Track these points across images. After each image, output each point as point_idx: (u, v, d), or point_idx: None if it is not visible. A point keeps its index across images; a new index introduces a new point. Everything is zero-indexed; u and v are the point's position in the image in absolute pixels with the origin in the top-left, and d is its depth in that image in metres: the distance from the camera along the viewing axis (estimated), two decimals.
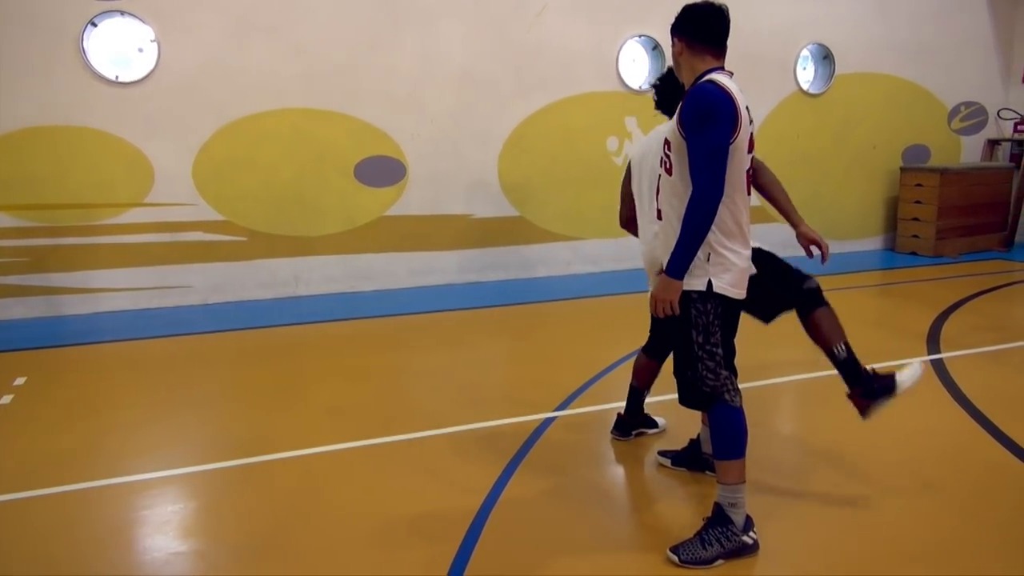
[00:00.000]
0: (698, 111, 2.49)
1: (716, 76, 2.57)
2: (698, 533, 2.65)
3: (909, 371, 2.99)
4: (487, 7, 7.11)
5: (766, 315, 3.20)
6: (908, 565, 2.61)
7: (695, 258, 2.56)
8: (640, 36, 7.72)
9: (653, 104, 3.33)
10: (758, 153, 2.87)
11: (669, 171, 2.65)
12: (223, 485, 3.31)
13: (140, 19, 6.14)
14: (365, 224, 7.03)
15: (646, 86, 7.81)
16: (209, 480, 3.35)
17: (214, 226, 6.59)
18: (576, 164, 7.65)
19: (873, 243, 9.30)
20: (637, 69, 7.87)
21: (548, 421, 3.92)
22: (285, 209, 6.76)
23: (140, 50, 6.21)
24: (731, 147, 2.51)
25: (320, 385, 4.60)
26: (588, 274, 7.77)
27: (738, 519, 2.64)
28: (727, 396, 2.65)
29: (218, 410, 4.24)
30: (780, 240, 3.60)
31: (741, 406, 2.67)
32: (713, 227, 2.54)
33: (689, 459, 3.36)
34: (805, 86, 8.54)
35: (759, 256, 2.94)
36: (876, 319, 6.33)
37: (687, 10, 2.68)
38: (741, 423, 2.65)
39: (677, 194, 2.61)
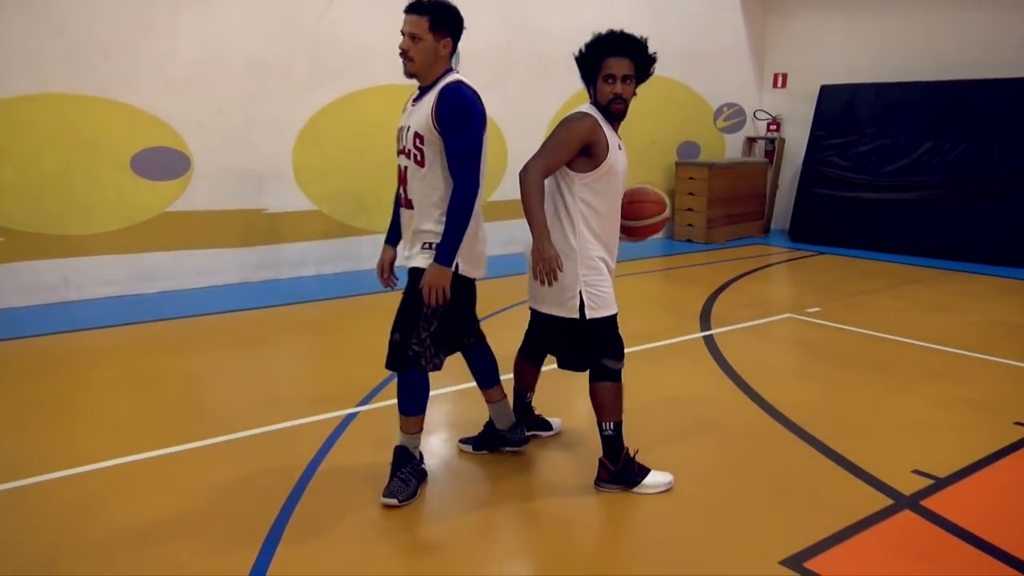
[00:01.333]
0: (456, 111, 2.77)
1: (461, 77, 2.85)
2: (397, 476, 3.01)
3: (662, 477, 3.11)
4: None
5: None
6: (690, 513, 2.90)
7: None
8: None
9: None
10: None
11: (421, 164, 2.85)
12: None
13: None
14: (145, 221, 6.52)
15: None
16: None
17: None
18: (374, 157, 7.59)
19: None
20: None
21: (350, 417, 3.89)
22: (49, 205, 6.10)
23: None
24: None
25: (101, 396, 4.23)
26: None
27: (417, 455, 3.13)
28: (423, 363, 2.96)
29: None
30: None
31: (428, 373, 3.02)
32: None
33: (489, 441, 3.49)
34: None
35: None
36: (658, 300, 6.90)
37: (455, 10, 2.88)
38: (426, 386, 3.07)
39: (431, 185, 2.86)
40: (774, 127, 10.71)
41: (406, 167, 2.93)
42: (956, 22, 9.02)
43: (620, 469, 3.10)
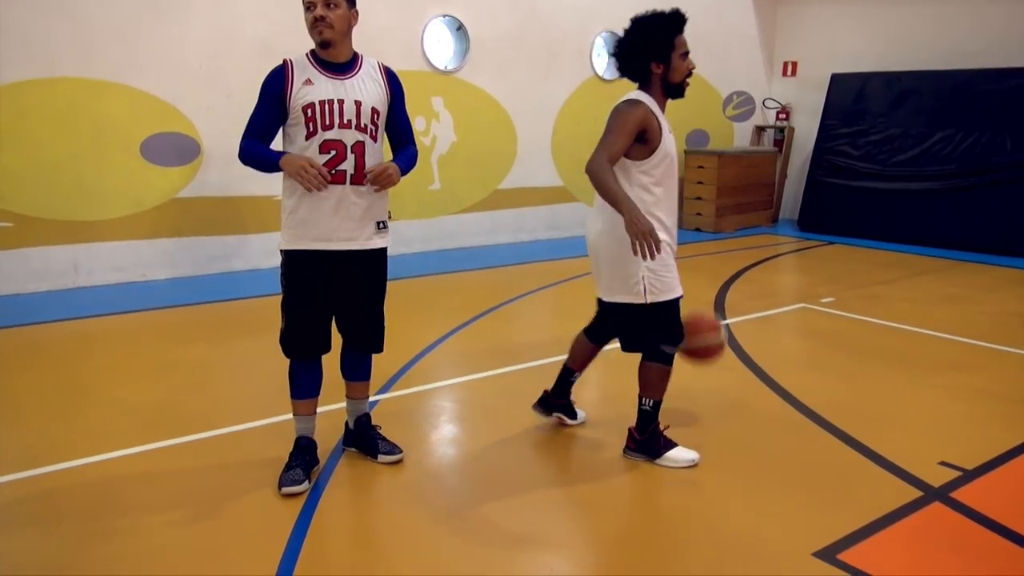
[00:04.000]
0: (401, 87, 3.08)
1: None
2: (289, 466, 3.02)
3: (687, 454, 3.21)
4: None
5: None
6: (720, 503, 2.89)
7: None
8: (444, 16, 7.73)
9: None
10: (565, 135, 3.05)
11: (375, 138, 2.95)
12: (6, 504, 2.94)
13: None
14: (155, 207, 6.48)
15: (452, 66, 7.85)
16: None
17: None
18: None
19: None
20: (442, 49, 7.87)
21: (370, 405, 3.86)
22: (59, 190, 6.05)
23: None
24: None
25: (115, 384, 4.19)
26: (400, 255, 7.71)
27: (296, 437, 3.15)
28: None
29: None
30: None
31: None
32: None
33: (358, 440, 3.31)
34: (600, 72, 9.01)
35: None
36: None
37: None
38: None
39: (376, 160, 2.96)
40: (783, 116, 10.65)
41: (359, 142, 2.89)
42: (967, 11, 8.95)
43: (646, 439, 3.23)
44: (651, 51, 3.00)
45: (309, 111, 2.84)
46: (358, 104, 2.89)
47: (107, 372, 4.41)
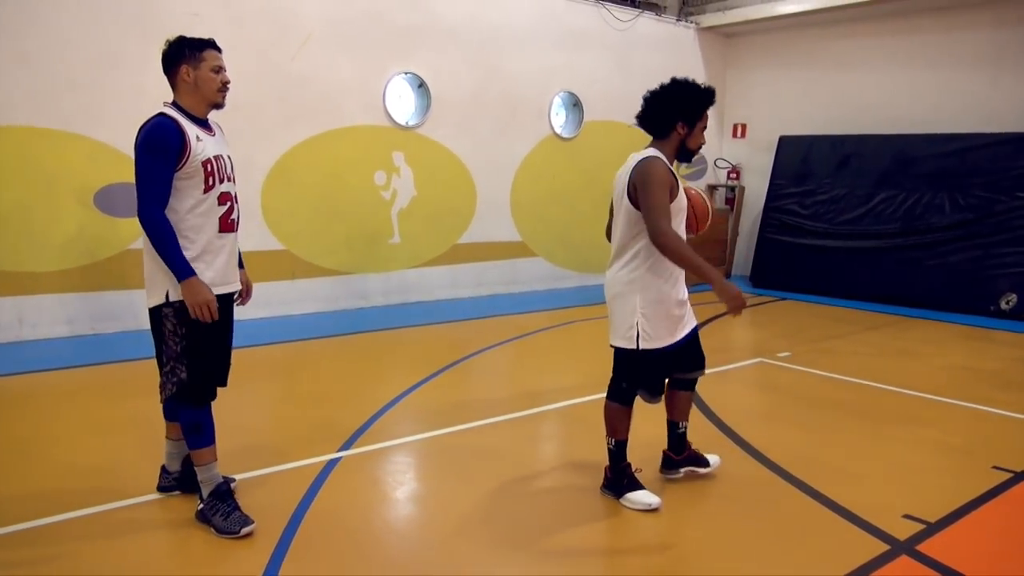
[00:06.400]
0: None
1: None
2: (214, 511, 2.98)
3: (647, 498, 3.33)
4: (248, 30, 6.80)
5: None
6: (690, 560, 2.85)
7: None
8: (406, 73, 7.83)
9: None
10: (524, 192, 3.08)
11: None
12: None
13: None
14: (108, 258, 6.31)
15: (413, 122, 7.93)
16: None
17: None
18: (344, 197, 7.53)
19: None
20: (404, 105, 7.96)
21: (333, 463, 3.76)
22: (5, 240, 5.86)
23: None
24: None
25: (64, 442, 4.00)
26: (358, 308, 7.63)
27: (216, 485, 3.05)
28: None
29: None
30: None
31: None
32: None
33: (190, 481, 3.27)
34: (559, 130, 9.20)
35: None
36: None
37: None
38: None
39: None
40: (734, 175, 10.99)
41: (235, 193, 3.09)
42: (906, 80, 9.44)
43: (613, 477, 3.39)
44: (683, 113, 3.24)
45: (208, 166, 2.92)
46: (230, 158, 3.11)
47: (57, 428, 4.21)
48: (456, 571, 2.80)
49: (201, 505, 3.06)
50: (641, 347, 3.20)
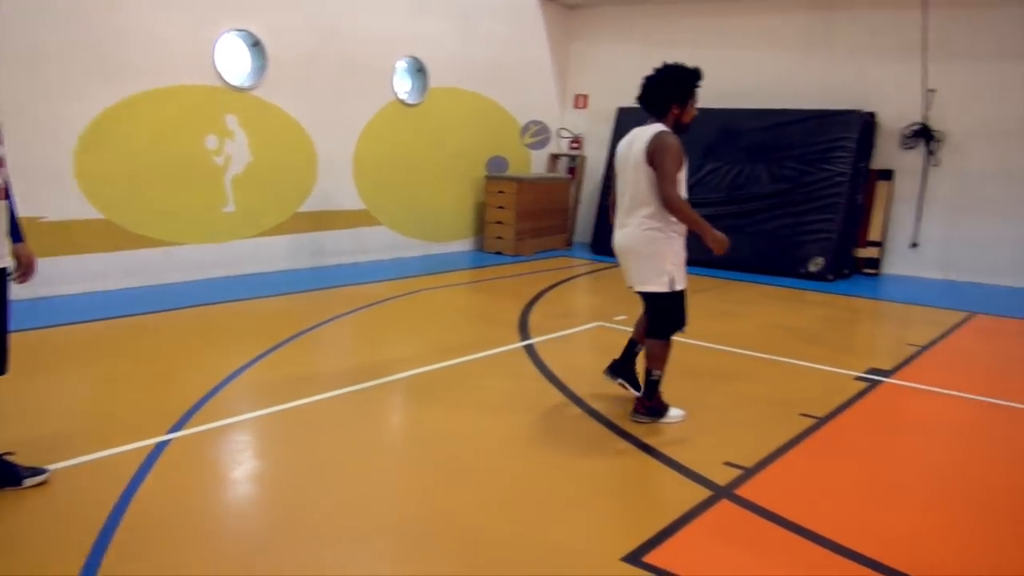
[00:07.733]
0: None
1: None
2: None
3: (679, 411, 4.09)
4: None
5: None
6: (526, 513, 2.95)
7: None
8: (240, 30, 7.38)
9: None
10: (368, 158, 3.00)
11: None
12: None
13: None
14: None
15: (247, 83, 7.50)
16: None
17: None
18: (171, 163, 7.02)
19: (465, 244, 10.24)
20: (237, 65, 7.50)
21: (161, 446, 3.54)
22: None
23: None
24: None
25: None
26: (186, 282, 7.17)
27: None
28: None
29: None
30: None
31: None
32: None
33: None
34: (403, 96, 9.04)
35: None
36: (474, 312, 7.00)
37: None
38: None
39: None
40: (576, 145, 11.28)
41: (3, 155, 2.87)
42: (728, 56, 10.02)
43: (654, 404, 4.02)
44: (675, 95, 3.83)
45: None
46: None
47: None
48: (294, 555, 2.73)
49: None
50: (676, 288, 3.90)
